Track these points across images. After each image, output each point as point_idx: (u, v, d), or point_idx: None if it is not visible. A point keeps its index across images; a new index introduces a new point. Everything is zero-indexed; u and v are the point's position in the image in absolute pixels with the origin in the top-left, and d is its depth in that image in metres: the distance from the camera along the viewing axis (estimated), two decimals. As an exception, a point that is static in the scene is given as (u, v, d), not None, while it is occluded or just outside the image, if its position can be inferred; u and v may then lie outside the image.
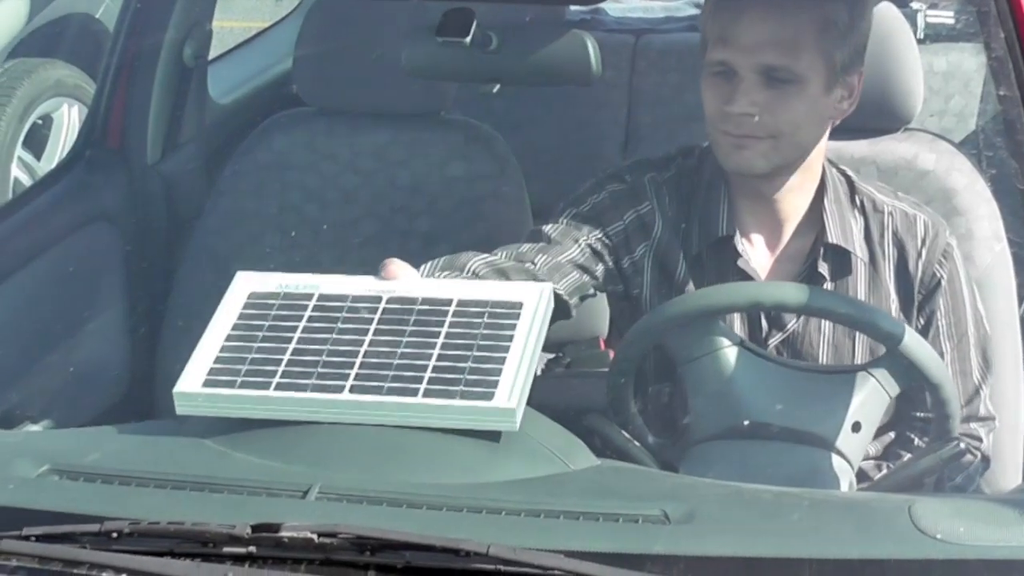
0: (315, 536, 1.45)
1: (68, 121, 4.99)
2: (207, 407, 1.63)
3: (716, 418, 2.01)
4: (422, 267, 2.08)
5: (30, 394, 2.57)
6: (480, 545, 1.42)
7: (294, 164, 2.87)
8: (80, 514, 1.53)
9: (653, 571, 1.43)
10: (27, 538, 1.49)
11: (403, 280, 1.78)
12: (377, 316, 1.71)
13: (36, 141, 4.94)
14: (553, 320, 2.16)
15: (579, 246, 2.19)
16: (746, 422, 1.98)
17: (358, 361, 1.65)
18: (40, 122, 4.91)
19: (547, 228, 2.22)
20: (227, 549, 1.47)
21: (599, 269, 2.21)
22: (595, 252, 2.20)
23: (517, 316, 1.70)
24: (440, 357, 1.64)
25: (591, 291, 2.22)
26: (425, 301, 1.73)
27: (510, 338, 1.66)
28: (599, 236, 2.20)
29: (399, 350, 1.66)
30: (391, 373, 1.63)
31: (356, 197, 2.84)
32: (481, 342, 1.66)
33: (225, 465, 1.62)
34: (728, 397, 2.01)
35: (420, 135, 2.85)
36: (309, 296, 1.75)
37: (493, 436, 1.64)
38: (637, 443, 2.09)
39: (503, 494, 1.56)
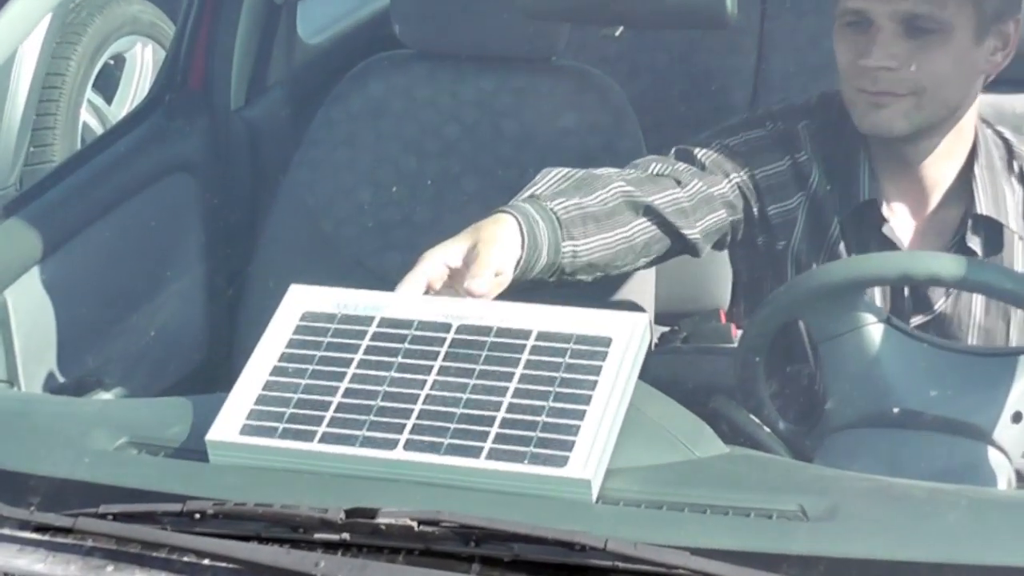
0: (415, 524, 1.45)
1: (142, 62, 5.04)
2: (244, 457, 1.60)
3: (859, 404, 2.00)
4: (543, 176, 2.03)
5: (103, 360, 2.61)
6: (597, 539, 1.41)
7: (391, 112, 2.87)
8: (161, 492, 1.55)
9: (789, 573, 1.42)
10: (104, 516, 1.51)
11: (478, 303, 1.73)
12: (444, 349, 1.66)
13: (107, 83, 4.99)
14: (677, 253, 2.13)
15: (730, 182, 2.14)
16: (894, 409, 1.96)
17: (417, 408, 1.60)
18: (112, 63, 4.96)
19: (697, 152, 2.15)
20: (319, 535, 1.48)
21: (746, 212, 2.16)
22: (745, 192, 2.15)
23: (604, 356, 1.62)
24: (511, 407, 1.59)
25: (729, 235, 2.18)
26: (500, 332, 1.67)
27: (593, 385, 1.59)
28: (752, 175, 2.16)
29: (465, 396, 1.61)
30: (453, 426, 1.58)
31: (458, 149, 2.84)
32: (560, 389, 1.60)
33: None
34: (873, 380, 1.99)
35: (529, 82, 2.84)
36: (369, 320, 1.70)
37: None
38: (769, 430, 2.07)
39: (622, 483, 1.55)
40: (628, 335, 1.65)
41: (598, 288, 2.49)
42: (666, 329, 3.12)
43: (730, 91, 3.61)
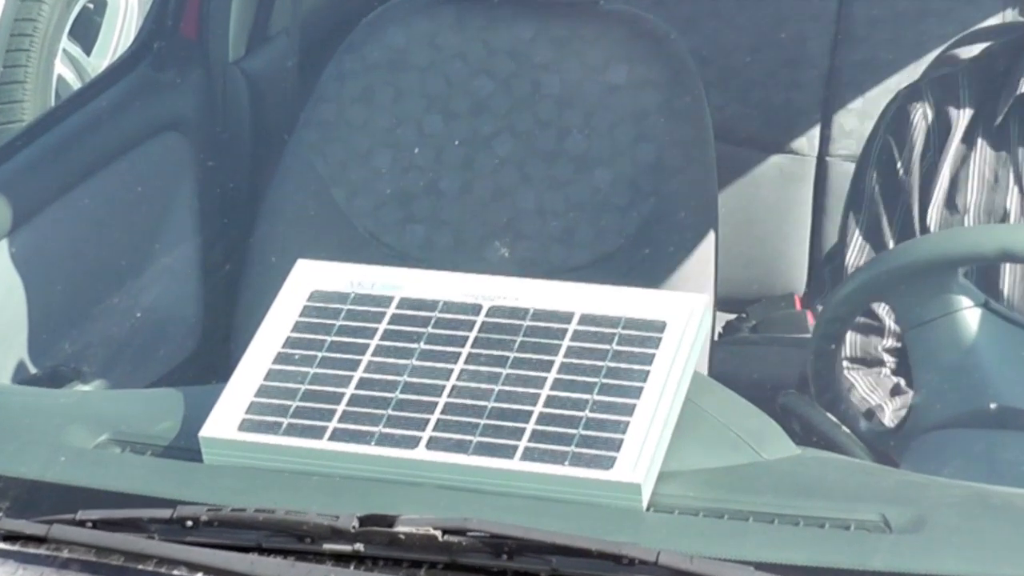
0: (438, 533, 1.46)
1: (126, 6, 5.06)
2: (243, 456, 1.62)
3: (952, 400, 2.00)
4: None
5: (82, 346, 2.62)
6: (647, 551, 1.42)
7: (413, 64, 2.88)
8: (147, 496, 1.56)
9: (869, 591, 1.43)
10: (82, 523, 1.53)
11: (512, 281, 1.73)
12: (473, 334, 1.67)
13: (86, 30, 5.01)
14: None
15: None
16: (992, 405, 1.97)
17: (441, 402, 1.61)
18: (91, 6, 4.98)
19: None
20: (328, 545, 1.49)
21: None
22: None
23: (657, 343, 1.63)
24: (550, 401, 1.59)
25: None
26: (538, 315, 1.68)
27: (644, 376, 1.60)
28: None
29: (496, 387, 1.61)
30: (482, 422, 1.59)
31: (490, 107, 2.84)
32: (606, 380, 1.60)
33: (326, 440, 1.64)
34: (968, 373, 1.99)
35: (573, 29, 2.84)
36: (388, 300, 1.71)
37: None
38: (847, 429, 2.08)
39: (676, 488, 1.56)
40: (685, 319, 1.65)
41: (650, 268, 2.50)
42: (732, 316, 3.13)
43: (806, 40, 3.61)
